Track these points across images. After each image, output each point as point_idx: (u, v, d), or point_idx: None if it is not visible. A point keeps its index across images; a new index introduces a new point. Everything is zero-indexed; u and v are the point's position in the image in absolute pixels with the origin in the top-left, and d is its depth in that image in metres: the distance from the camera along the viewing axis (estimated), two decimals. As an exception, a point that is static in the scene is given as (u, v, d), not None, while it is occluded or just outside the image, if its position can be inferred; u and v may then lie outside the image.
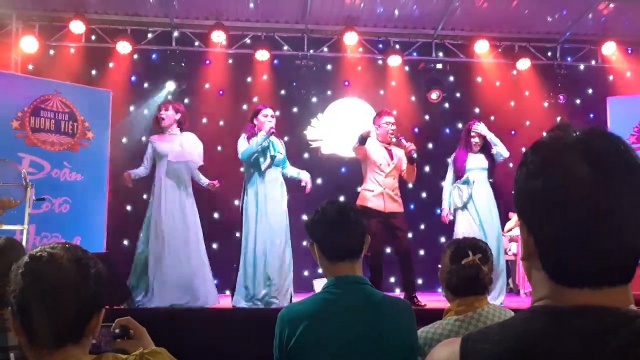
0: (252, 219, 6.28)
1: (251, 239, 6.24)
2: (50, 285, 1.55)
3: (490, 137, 6.82)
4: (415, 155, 6.54)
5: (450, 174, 6.98)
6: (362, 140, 6.45)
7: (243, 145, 6.37)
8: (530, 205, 1.02)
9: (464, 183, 6.75)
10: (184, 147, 6.59)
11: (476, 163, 6.81)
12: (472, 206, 6.68)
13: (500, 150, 6.78)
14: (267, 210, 6.27)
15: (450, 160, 7.10)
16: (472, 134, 6.84)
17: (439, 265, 2.74)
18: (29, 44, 8.47)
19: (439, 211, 9.43)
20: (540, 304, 1.02)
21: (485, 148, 6.86)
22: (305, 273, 8.66)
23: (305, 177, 6.63)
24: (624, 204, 0.97)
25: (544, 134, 1.07)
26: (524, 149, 1.13)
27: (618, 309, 0.98)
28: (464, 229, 6.57)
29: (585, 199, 0.96)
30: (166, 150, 6.49)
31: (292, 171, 6.66)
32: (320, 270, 2.48)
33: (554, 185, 0.98)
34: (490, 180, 6.88)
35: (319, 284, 7.44)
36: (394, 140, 6.74)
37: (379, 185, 6.54)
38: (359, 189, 6.76)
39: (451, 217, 6.89)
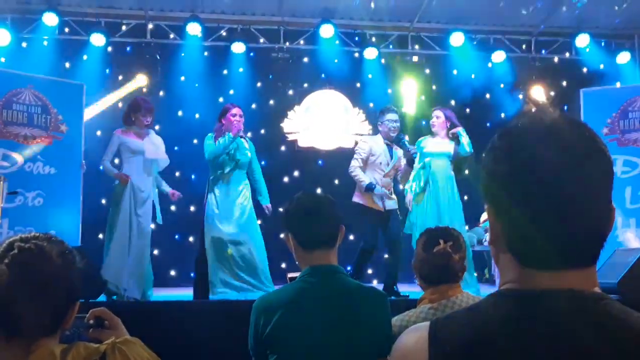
0: (215, 219, 6.19)
1: (215, 236, 6.18)
2: (39, 278, 1.53)
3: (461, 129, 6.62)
4: (415, 157, 6.50)
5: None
6: (368, 190, 6.37)
7: (210, 145, 6.24)
8: (497, 189, 1.03)
9: (422, 168, 6.52)
10: (155, 144, 6.49)
11: (437, 147, 6.60)
12: (433, 195, 6.47)
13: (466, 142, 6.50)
14: (231, 211, 6.21)
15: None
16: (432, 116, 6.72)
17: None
18: (0, 36, 8.32)
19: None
20: (506, 287, 1.03)
21: (450, 134, 6.65)
22: (283, 265, 8.64)
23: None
24: (589, 188, 0.99)
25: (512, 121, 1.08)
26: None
27: (583, 291, 1.00)
28: (422, 218, 6.42)
29: (550, 183, 0.97)
30: (140, 146, 6.39)
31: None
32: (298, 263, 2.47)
33: (521, 169, 0.99)
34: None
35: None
36: (399, 139, 6.67)
37: (378, 185, 6.43)
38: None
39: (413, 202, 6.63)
